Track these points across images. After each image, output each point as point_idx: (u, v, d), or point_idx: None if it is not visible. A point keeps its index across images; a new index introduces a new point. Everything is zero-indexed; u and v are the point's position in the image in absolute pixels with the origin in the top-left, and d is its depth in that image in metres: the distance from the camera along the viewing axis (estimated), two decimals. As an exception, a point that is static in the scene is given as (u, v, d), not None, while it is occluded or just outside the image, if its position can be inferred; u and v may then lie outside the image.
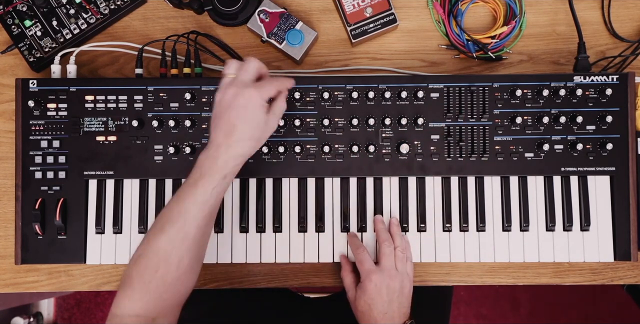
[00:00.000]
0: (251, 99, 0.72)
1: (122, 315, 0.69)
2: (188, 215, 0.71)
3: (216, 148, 0.72)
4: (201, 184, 0.71)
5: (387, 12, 0.91)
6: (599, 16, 0.94)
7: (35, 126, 0.86)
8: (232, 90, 0.72)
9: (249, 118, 0.72)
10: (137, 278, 0.70)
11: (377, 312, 0.80)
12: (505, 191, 0.87)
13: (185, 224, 0.71)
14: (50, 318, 1.82)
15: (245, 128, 0.72)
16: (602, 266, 0.89)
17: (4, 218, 0.91)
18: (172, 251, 0.70)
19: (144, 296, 0.70)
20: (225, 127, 0.72)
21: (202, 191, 0.71)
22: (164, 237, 0.70)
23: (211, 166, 0.72)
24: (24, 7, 0.91)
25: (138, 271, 0.70)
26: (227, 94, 0.72)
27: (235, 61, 0.75)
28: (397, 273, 0.81)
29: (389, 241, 0.83)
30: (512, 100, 0.86)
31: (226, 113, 0.72)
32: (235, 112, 0.71)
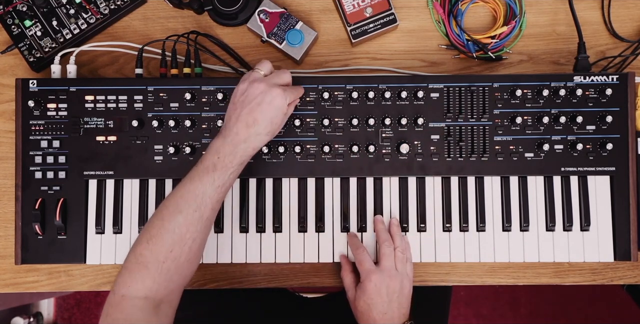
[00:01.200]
0: (277, 98, 0.76)
1: (130, 297, 0.69)
2: (205, 197, 0.73)
3: (234, 136, 0.75)
4: (220, 168, 0.74)
5: (387, 12, 0.91)
6: (599, 16, 0.94)
7: (35, 126, 0.86)
8: (261, 85, 0.76)
9: (272, 115, 0.76)
10: (151, 258, 0.71)
11: (377, 312, 0.80)
12: (505, 191, 0.87)
13: (202, 205, 0.73)
14: (50, 318, 1.82)
15: (266, 124, 0.76)
16: (602, 266, 0.89)
17: (4, 218, 0.91)
18: (187, 231, 0.72)
19: (157, 276, 0.70)
20: (248, 119, 0.75)
21: (220, 174, 0.74)
22: (181, 217, 0.72)
23: (230, 152, 0.75)
24: (24, 7, 0.91)
25: (152, 251, 0.71)
26: (254, 87, 0.76)
27: (269, 62, 0.81)
28: (397, 273, 0.81)
29: (389, 242, 0.83)
30: (512, 100, 0.86)
31: (251, 106, 0.75)
32: (260, 107, 0.75)
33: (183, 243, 0.72)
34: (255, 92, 0.76)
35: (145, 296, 0.70)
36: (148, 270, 0.70)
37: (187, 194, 0.73)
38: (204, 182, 0.73)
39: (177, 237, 0.71)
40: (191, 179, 0.74)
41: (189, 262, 0.73)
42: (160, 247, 0.71)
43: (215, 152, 0.75)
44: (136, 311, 0.69)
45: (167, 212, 0.73)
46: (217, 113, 0.86)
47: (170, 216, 0.72)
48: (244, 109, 0.75)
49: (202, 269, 0.89)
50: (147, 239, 0.72)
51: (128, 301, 0.70)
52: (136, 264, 0.71)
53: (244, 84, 0.77)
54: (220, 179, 0.74)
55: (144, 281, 0.70)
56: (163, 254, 0.71)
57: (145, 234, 0.73)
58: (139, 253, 0.72)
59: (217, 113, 0.86)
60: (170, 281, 0.72)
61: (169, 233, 0.71)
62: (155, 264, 0.71)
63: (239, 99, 0.76)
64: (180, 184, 0.75)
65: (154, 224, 0.73)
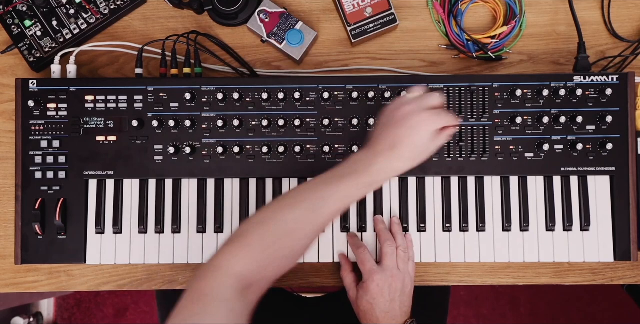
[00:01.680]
0: (424, 123, 0.73)
1: (225, 270, 0.67)
2: (325, 203, 0.71)
3: (375, 155, 0.73)
4: (350, 180, 0.72)
5: (387, 12, 0.91)
6: (599, 16, 0.94)
7: (35, 126, 0.86)
8: (410, 107, 0.74)
9: (415, 140, 0.73)
10: (257, 240, 0.69)
11: (379, 311, 0.80)
12: (505, 191, 0.87)
13: (319, 210, 0.71)
14: (50, 318, 1.82)
15: (409, 148, 0.73)
16: (602, 266, 0.89)
17: (4, 218, 0.91)
18: (298, 229, 0.71)
19: (257, 258, 0.69)
20: (392, 140, 0.73)
21: (347, 186, 0.72)
22: (294, 214, 0.71)
23: (365, 169, 0.73)
24: (24, 7, 0.91)
25: (260, 234, 0.70)
26: (404, 108, 0.74)
27: (422, 88, 0.78)
28: (399, 272, 0.82)
29: (391, 241, 0.83)
30: (512, 100, 0.86)
31: (397, 127, 0.73)
32: (404, 131, 0.73)
33: (291, 238, 0.70)
34: (403, 113, 0.73)
35: (239, 274, 0.68)
36: (252, 249, 0.69)
37: (309, 194, 0.72)
38: (329, 189, 0.72)
39: (285, 230, 0.70)
40: (320, 181, 0.73)
41: (286, 259, 0.72)
42: (267, 233, 0.70)
43: (353, 163, 0.74)
44: (225, 287, 0.67)
45: (286, 204, 0.72)
46: (217, 113, 0.86)
47: (286, 208, 0.72)
48: (389, 129, 0.73)
49: (202, 269, 0.90)
50: (260, 221, 0.71)
51: (222, 274, 0.67)
52: (243, 239, 0.70)
53: (394, 105, 0.76)
54: (346, 190, 0.72)
55: (244, 258, 0.68)
56: (269, 240, 0.69)
57: (259, 215, 0.72)
58: (248, 230, 0.71)
59: (217, 113, 0.86)
60: (265, 270, 0.70)
61: (280, 223, 0.70)
62: (261, 246, 0.69)
63: (387, 120, 0.75)
64: (309, 182, 0.74)
65: (270, 209, 0.73)
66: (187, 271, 0.89)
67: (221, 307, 0.65)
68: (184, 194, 0.88)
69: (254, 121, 0.86)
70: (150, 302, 1.82)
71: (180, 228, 0.87)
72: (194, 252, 0.87)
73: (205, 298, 0.65)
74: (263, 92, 0.86)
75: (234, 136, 0.86)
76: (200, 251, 0.87)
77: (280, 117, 0.86)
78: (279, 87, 0.86)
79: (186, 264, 0.88)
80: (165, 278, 0.90)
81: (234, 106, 0.87)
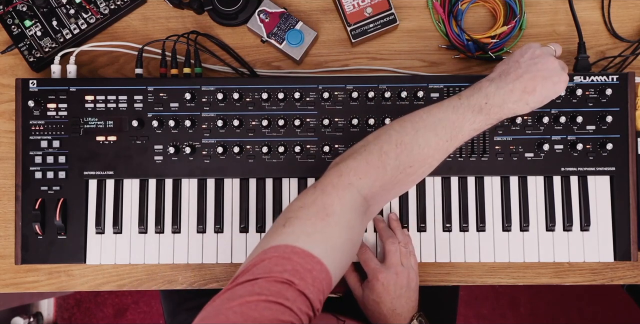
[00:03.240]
0: (562, 85, 0.73)
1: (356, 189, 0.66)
2: (460, 132, 0.70)
3: (509, 92, 0.71)
4: (485, 114, 0.70)
5: (387, 12, 0.91)
6: (599, 16, 0.94)
7: (35, 126, 0.86)
8: (556, 64, 0.73)
9: (547, 95, 0.73)
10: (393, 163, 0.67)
11: (386, 309, 0.80)
12: (505, 191, 0.87)
13: (453, 138, 0.70)
14: (50, 318, 1.82)
15: (539, 99, 0.72)
16: (602, 266, 0.89)
17: (4, 218, 0.91)
18: (431, 156, 0.69)
19: (387, 182, 0.67)
20: (528, 84, 0.71)
21: (481, 120, 0.71)
22: (434, 139, 0.69)
23: (499, 105, 0.71)
24: (24, 7, 0.91)
25: (398, 157, 0.67)
26: (550, 60, 0.73)
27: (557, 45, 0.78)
28: (403, 269, 0.82)
29: (393, 238, 0.83)
30: (512, 100, 0.86)
31: (537, 74, 0.71)
32: (544, 82, 0.71)
33: (422, 164, 0.69)
34: (550, 66, 0.72)
35: (366, 195, 0.67)
36: (385, 172, 0.67)
37: (446, 120, 0.69)
38: (466, 119, 0.70)
39: (422, 156, 0.68)
40: (454, 109, 0.70)
41: (411, 183, 0.71)
42: (405, 157, 0.67)
43: (485, 96, 0.71)
44: (353, 209, 0.65)
45: (424, 127, 0.69)
46: (217, 113, 0.86)
47: (426, 132, 0.69)
48: (528, 72, 0.72)
49: (202, 269, 0.90)
50: (398, 142, 0.68)
51: (351, 193, 0.65)
52: (379, 161, 0.67)
53: (537, 50, 0.74)
54: (479, 123, 0.70)
55: (375, 181, 0.66)
56: (403, 165, 0.67)
57: (396, 135, 0.69)
58: (385, 151, 0.67)
59: (217, 113, 0.86)
60: (388, 193, 0.69)
61: (419, 148, 0.68)
62: (393, 170, 0.67)
63: (526, 60, 0.73)
64: (440, 107, 0.71)
65: (407, 130, 0.69)
66: (187, 271, 0.89)
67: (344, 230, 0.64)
68: (184, 194, 0.88)
69: (254, 121, 0.86)
70: (151, 302, 1.82)
71: (180, 228, 0.87)
72: (194, 252, 0.87)
73: (332, 216, 0.63)
74: (263, 92, 0.86)
75: (234, 136, 0.86)
76: (200, 251, 0.87)
77: (280, 117, 0.86)
78: (279, 87, 0.86)
79: (186, 264, 0.88)
80: (165, 278, 0.90)
81: (234, 106, 0.87)
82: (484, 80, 0.73)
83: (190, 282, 0.90)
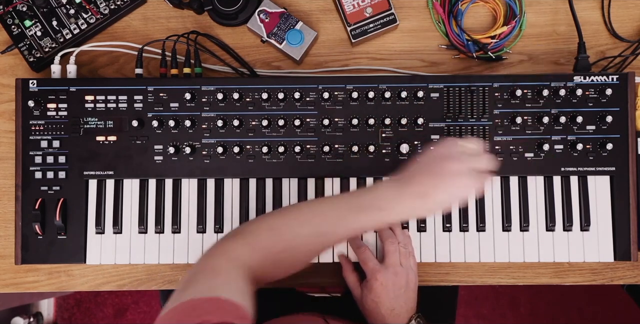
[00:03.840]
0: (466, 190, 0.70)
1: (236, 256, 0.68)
2: (339, 230, 0.71)
3: (403, 197, 0.69)
4: (368, 214, 0.70)
5: (387, 12, 0.91)
6: (599, 16, 0.94)
7: (35, 126, 0.86)
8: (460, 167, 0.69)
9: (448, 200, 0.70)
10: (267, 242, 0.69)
11: (385, 309, 0.80)
12: (505, 191, 0.87)
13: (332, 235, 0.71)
14: (50, 318, 1.82)
15: (439, 203, 0.70)
16: (602, 266, 0.89)
17: (4, 218, 0.91)
18: (305, 245, 0.71)
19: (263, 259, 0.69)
20: (426, 189, 0.69)
21: (364, 220, 0.70)
22: (309, 230, 0.70)
23: (389, 208, 0.69)
24: (24, 7, 0.91)
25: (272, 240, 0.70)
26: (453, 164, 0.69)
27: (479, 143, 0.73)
28: (402, 269, 0.82)
29: (393, 238, 0.83)
30: (512, 100, 0.86)
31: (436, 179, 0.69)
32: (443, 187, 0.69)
33: (296, 252, 0.71)
34: (449, 169, 0.69)
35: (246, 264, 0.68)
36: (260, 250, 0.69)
37: (329, 218, 0.70)
38: (344, 218, 0.70)
39: (297, 244, 0.70)
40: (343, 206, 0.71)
41: (288, 268, 0.73)
42: (279, 241, 0.70)
43: (378, 198, 0.70)
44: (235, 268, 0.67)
45: (302, 219, 0.71)
46: (217, 113, 0.86)
47: (305, 224, 0.71)
48: (429, 177, 0.69)
49: (202, 269, 0.89)
50: (273, 227, 0.71)
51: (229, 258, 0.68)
52: (253, 238, 0.70)
53: (444, 150, 0.71)
54: (363, 224, 0.71)
55: (252, 254, 0.68)
56: (277, 248, 0.69)
57: (274, 221, 0.72)
58: (258, 233, 0.70)
59: (217, 113, 0.86)
60: (264, 272, 0.70)
61: (292, 236, 0.70)
62: (266, 251, 0.69)
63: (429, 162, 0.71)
64: (331, 200, 0.73)
65: (285, 217, 0.72)
66: (187, 271, 0.89)
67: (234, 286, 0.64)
68: (184, 194, 0.88)
69: (254, 121, 0.86)
70: (151, 302, 1.82)
71: (180, 228, 0.87)
72: (194, 252, 0.87)
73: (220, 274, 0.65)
74: (263, 92, 0.86)
75: (234, 136, 0.86)
76: (200, 251, 0.87)
77: (280, 117, 0.86)
78: (279, 87, 0.86)
79: (186, 264, 0.88)
80: (165, 278, 0.90)
81: (234, 106, 0.87)
82: (391, 181, 0.71)
83: (190, 282, 0.90)
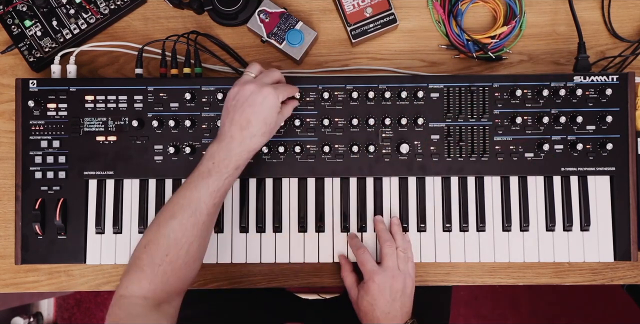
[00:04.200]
0: (268, 97, 0.76)
1: (129, 296, 0.71)
2: (200, 203, 0.74)
3: (229, 140, 0.75)
4: (215, 173, 0.75)
5: (387, 12, 0.91)
6: (599, 16, 0.94)
7: (35, 126, 0.86)
8: (251, 87, 0.76)
9: (264, 115, 0.76)
10: (147, 261, 0.72)
11: (380, 312, 0.80)
12: (505, 191, 0.87)
13: (197, 211, 0.74)
14: (50, 318, 1.82)
15: (259, 124, 0.76)
16: (602, 266, 0.89)
17: (4, 218, 0.91)
18: (183, 236, 0.73)
19: (153, 278, 0.72)
20: (241, 121, 0.75)
21: (215, 180, 0.74)
22: (175, 222, 0.73)
23: (225, 157, 0.75)
24: (24, 7, 0.91)
25: (149, 254, 0.72)
26: (245, 89, 0.76)
27: (258, 64, 0.81)
28: (399, 273, 0.82)
29: (391, 241, 0.83)
30: (512, 100, 0.86)
31: (243, 108, 0.75)
32: (251, 109, 0.75)
33: (179, 247, 0.73)
34: (246, 93, 0.76)
35: (144, 296, 0.71)
36: (144, 272, 0.72)
37: (183, 200, 0.74)
38: (199, 189, 0.74)
39: (172, 241, 0.72)
40: (187, 185, 0.75)
41: (186, 265, 0.74)
42: (155, 251, 0.72)
43: (211, 157, 0.75)
44: (136, 307, 0.71)
45: (163, 218, 0.74)
46: (217, 113, 0.86)
47: (166, 221, 0.73)
48: (236, 112, 0.75)
49: (202, 269, 0.89)
50: (145, 243, 0.73)
51: (127, 299, 0.71)
52: (134, 266, 0.73)
53: (235, 88, 0.77)
54: (215, 184, 0.74)
55: (140, 283, 0.72)
56: (159, 258, 0.72)
57: (144, 239, 0.74)
58: (137, 256, 0.73)
59: (217, 113, 0.86)
60: (167, 284, 0.73)
61: (164, 238, 0.72)
62: (151, 267, 0.72)
63: (231, 103, 0.77)
64: (178, 190, 0.76)
65: (151, 229, 0.74)
66: (187, 271, 0.89)
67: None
68: (184, 194, 0.88)
69: (254, 121, 0.86)
70: None
71: (180, 228, 0.87)
72: (194, 252, 0.87)
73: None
74: (263, 92, 0.86)
75: (234, 136, 0.86)
76: (200, 251, 0.87)
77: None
78: (279, 87, 0.86)
79: (186, 264, 0.88)
80: (165, 278, 0.90)
81: (234, 106, 0.86)
82: (211, 143, 0.77)
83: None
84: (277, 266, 0.89)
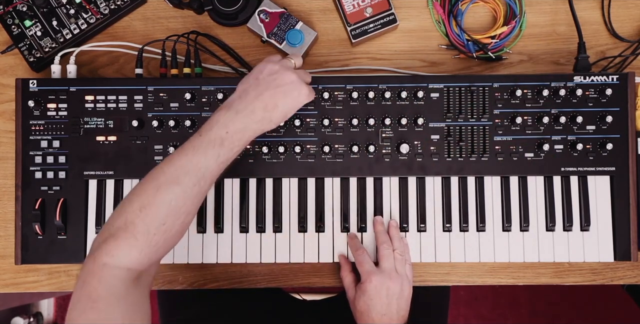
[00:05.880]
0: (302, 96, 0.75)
1: (112, 266, 0.65)
2: (207, 172, 0.70)
3: (248, 113, 0.72)
4: (228, 144, 0.71)
5: (387, 12, 0.91)
6: (599, 16, 0.94)
7: (35, 126, 0.86)
8: (293, 76, 0.75)
9: (288, 109, 0.75)
10: (142, 229, 0.66)
11: (376, 313, 0.80)
12: (505, 191, 0.87)
13: (202, 180, 0.69)
14: (50, 318, 1.82)
15: (281, 115, 0.75)
16: (602, 266, 0.89)
17: (4, 218, 0.91)
18: (184, 205, 0.68)
19: (145, 248, 0.66)
20: (269, 102, 0.73)
21: (226, 151, 0.71)
22: (179, 190, 0.68)
23: (242, 129, 0.72)
24: (24, 7, 0.91)
25: (144, 221, 0.66)
26: (286, 74, 0.74)
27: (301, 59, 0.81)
28: (397, 275, 0.81)
29: (388, 243, 0.83)
30: (512, 100, 0.86)
31: (276, 91, 0.73)
32: (284, 97, 0.74)
33: (177, 217, 0.68)
34: (286, 79, 0.74)
35: (128, 268, 0.65)
36: (137, 241, 0.65)
37: (189, 165, 0.69)
38: (208, 157, 0.70)
39: (172, 210, 0.67)
40: (195, 149, 0.70)
41: (177, 234, 0.70)
42: (153, 218, 0.66)
43: (224, 126, 0.71)
44: (117, 282, 0.64)
45: (165, 181, 0.68)
46: (217, 113, 0.86)
47: (168, 186, 0.67)
48: (268, 90, 0.73)
49: (202, 269, 0.90)
50: (140, 206, 0.66)
51: (109, 271, 0.64)
52: (125, 232, 0.65)
53: (274, 66, 0.75)
54: (225, 155, 0.71)
55: (130, 252, 0.65)
56: (155, 226, 0.66)
57: (137, 200, 0.67)
58: (130, 221, 0.66)
59: (217, 113, 0.86)
60: (156, 254, 0.68)
61: (164, 205, 0.67)
62: (145, 235, 0.65)
63: (265, 77, 0.74)
64: (181, 152, 0.70)
65: (148, 191, 0.68)
66: (187, 271, 0.89)
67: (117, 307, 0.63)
68: (184, 194, 0.88)
69: (254, 121, 0.86)
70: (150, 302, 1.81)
71: (180, 228, 0.87)
72: (194, 252, 0.87)
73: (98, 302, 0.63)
74: (263, 92, 0.86)
75: (234, 136, 0.86)
76: (200, 251, 0.87)
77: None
78: (279, 87, 0.86)
79: (186, 264, 0.88)
80: (165, 278, 0.90)
81: (234, 106, 0.86)
82: (222, 107, 0.73)
83: (190, 282, 0.90)
84: (277, 266, 0.90)
